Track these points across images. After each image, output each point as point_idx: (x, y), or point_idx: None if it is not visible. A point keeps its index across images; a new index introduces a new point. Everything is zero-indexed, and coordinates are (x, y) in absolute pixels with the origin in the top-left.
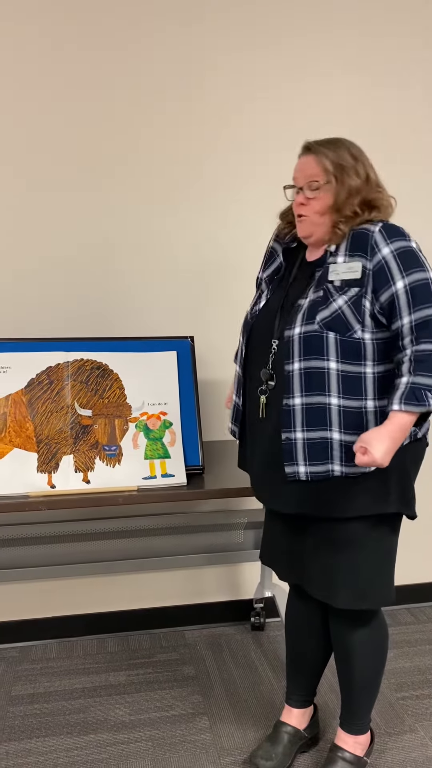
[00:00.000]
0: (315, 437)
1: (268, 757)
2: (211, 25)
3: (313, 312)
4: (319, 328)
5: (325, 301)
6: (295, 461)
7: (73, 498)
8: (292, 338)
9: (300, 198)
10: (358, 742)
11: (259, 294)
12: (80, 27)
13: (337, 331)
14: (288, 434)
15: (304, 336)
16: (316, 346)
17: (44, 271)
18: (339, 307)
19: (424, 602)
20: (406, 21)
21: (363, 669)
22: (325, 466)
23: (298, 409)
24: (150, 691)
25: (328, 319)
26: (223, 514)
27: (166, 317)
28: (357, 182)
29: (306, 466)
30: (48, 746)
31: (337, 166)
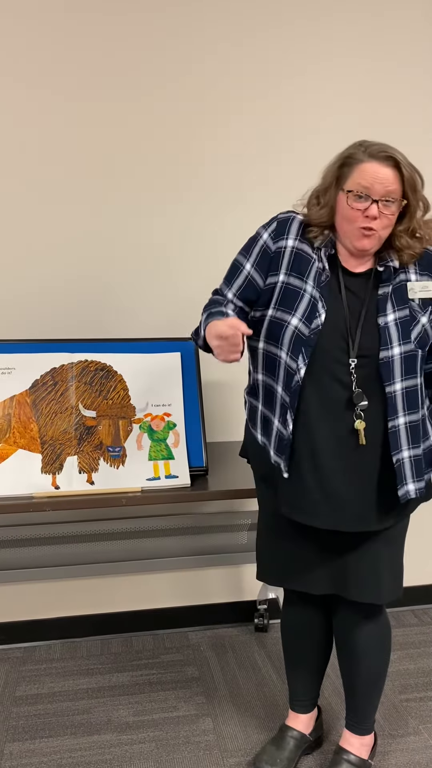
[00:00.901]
0: (418, 453)
1: (273, 762)
2: (211, 26)
3: (407, 331)
4: (415, 347)
5: (413, 319)
6: (404, 481)
7: (77, 499)
8: (392, 359)
9: (372, 211)
10: (364, 743)
11: (311, 306)
12: (80, 27)
13: (422, 348)
14: (398, 455)
15: (405, 355)
16: (413, 365)
17: (48, 272)
18: (423, 325)
19: (428, 604)
20: (411, 14)
21: (369, 667)
22: (424, 480)
23: (403, 428)
24: (154, 692)
25: (419, 338)
26: (226, 516)
27: (169, 318)
28: (425, 200)
29: (414, 483)
30: (52, 747)
31: (412, 184)
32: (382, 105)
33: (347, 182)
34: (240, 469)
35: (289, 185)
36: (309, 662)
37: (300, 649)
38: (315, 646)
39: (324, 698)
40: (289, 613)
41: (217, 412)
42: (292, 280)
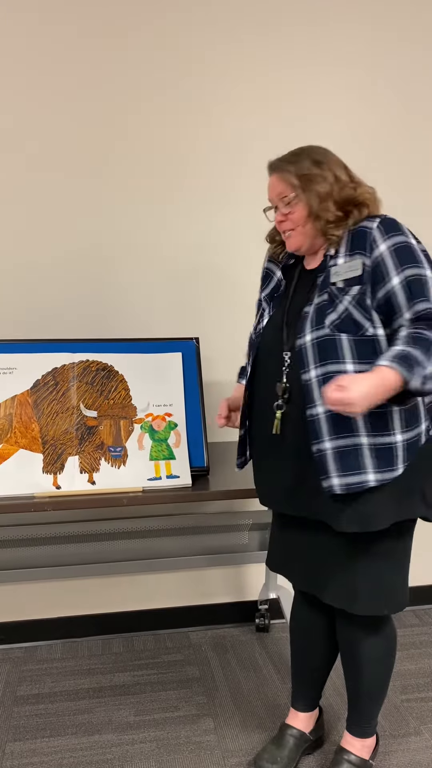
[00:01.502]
0: (344, 445)
1: (273, 760)
2: (211, 27)
3: (321, 316)
4: (330, 331)
5: (331, 303)
6: (327, 474)
7: (78, 499)
8: (305, 346)
9: (278, 216)
10: (365, 745)
11: (261, 312)
12: (80, 27)
13: (348, 331)
14: (318, 446)
15: (317, 342)
16: (331, 351)
17: (49, 273)
18: (345, 307)
19: (429, 604)
20: (407, 22)
21: (372, 674)
22: (359, 476)
23: (323, 417)
24: (155, 692)
25: (337, 321)
26: (228, 516)
27: (171, 319)
28: (325, 187)
29: (339, 477)
30: (53, 746)
31: (300, 177)
32: (382, 105)
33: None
34: None
35: None
36: (311, 663)
37: (303, 649)
38: (318, 648)
39: (325, 698)
40: (296, 612)
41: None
42: (259, 296)
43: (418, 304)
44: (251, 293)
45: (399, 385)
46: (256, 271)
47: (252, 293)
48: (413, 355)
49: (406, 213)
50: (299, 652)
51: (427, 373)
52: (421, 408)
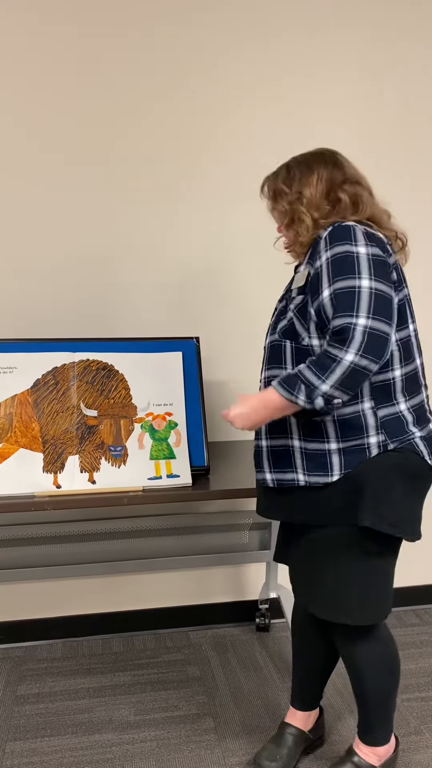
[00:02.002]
0: (277, 445)
1: (273, 758)
2: (213, 29)
3: (276, 322)
4: (279, 337)
5: (285, 310)
6: (262, 468)
7: (78, 498)
8: (265, 349)
9: (277, 230)
10: (375, 752)
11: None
12: (80, 27)
13: (291, 339)
14: (257, 442)
15: (269, 346)
16: (277, 355)
17: (49, 272)
18: (291, 315)
19: (430, 604)
20: (408, 25)
21: (372, 684)
22: (290, 474)
23: None
24: (155, 692)
25: (285, 327)
26: (228, 515)
27: (171, 318)
28: (284, 205)
29: (272, 473)
30: (53, 746)
31: (272, 195)
32: (384, 109)
33: None
34: (241, 469)
35: None
36: (310, 662)
37: (303, 649)
38: (318, 650)
39: (326, 698)
40: (297, 610)
41: (219, 411)
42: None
43: (337, 318)
44: (252, 293)
45: (285, 404)
46: (256, 270)
47: (252, 293)
48: (302, 375)
49: (410, 215)
50: (299, 651)
51: (318, 392)
52: (371, 422)
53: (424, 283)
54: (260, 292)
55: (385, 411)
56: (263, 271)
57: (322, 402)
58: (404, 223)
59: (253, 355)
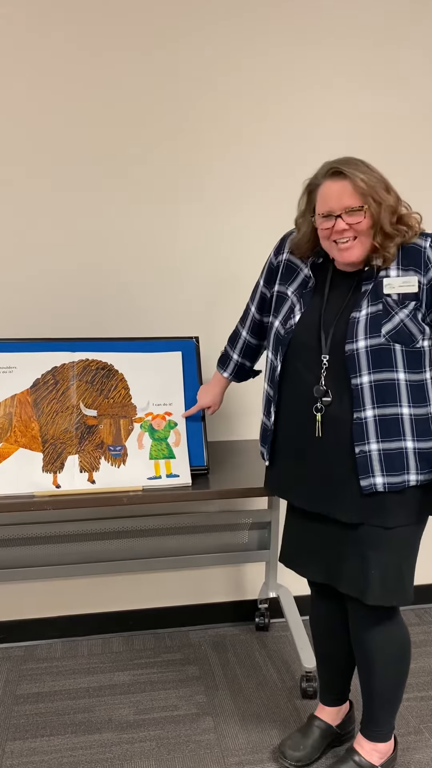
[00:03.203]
0: (392, 448)
1: (296, 747)
2: (215, 31)
3: (376, 325)
4: (386, 341)
5: (387, 314)
6: (371, 473)
7: (78, 498)
8: (357, 351)
9: (341, 224)
10: (376, 750)
11: (289, 308)
12: (83, 27)
13: (402, 343)
14: (362, 447)
15: (371, 349)
16: (385, 359)
17: (49, 272)
18: (401, 320)
19: (430, 603)
20: (407, 31)
21: (383, 674)
22: (402, 476)
23: (371, 421)
24: (154, 691)
25: (393, 332)
26: (227, 515)
27: (171, 318)
28: (391, 200)
29: (384, 477)
30: (52, 745)
31: (371, 188)
32: (385, 115)
33: (315, 207)
34: (241, 469)
35: (292, 187)
36: (332, 657)
37: (323, 643)
38: (338, 643)
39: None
40: (313, 607)
41: (218, 411)
42: (281, 288)
43: None
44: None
45: None
46: (256, 270)
47: None
48: None
49: None
50: (321, 646)
51: None
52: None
53: None
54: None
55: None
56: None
57: None
58: None
59: None
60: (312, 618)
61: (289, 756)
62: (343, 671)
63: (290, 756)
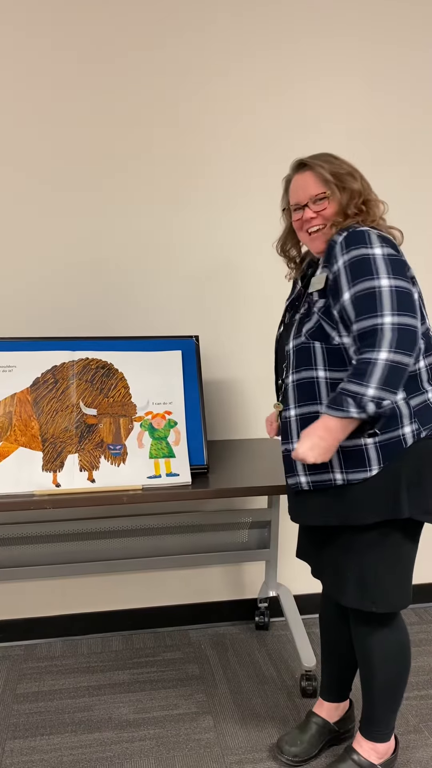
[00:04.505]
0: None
1: (294, 743)
2: (217, 27)
3: (300, 325)
4: (306, 339)
5: (309, 313)
6: (295, 472)
7: (77, 497)
8: (288, 352)
9: (308, 213)
10: (375, 749)
11: (281, 319)
12: (83, 27)
13: (319, 340)
14: (286, 446)
15: (295, 348)
16: (306, 357)
17: (49, 271)
18: (318, 318)
19: (429, 603)
20: (407, 26)
21: (382, 674)
22: (326, 474)
23: (293, 420)
24: (154, 690)
25: (312, 330)
26: (227, 514)
27: (170, 317)
28: (357, 185)
29: (306, 475)
30: (52, 744)
31: (335, 176)
32: (383, 110)
33: (288, 202)
34: (241, 468)
35: None
36: (335, 653)
37: (328, 638)
38: (342, 639)
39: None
40: (323, 605)
41: (218, 410)
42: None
43: (362, 321)
44: (251, 291)
45: (341, 423)
46: (256, 269)
47: (252, 291)
48: (345, 390)
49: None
50: (326, 641)
51: (366, 398)
52: (405, 411)
53: (423, 283)
54: (260, 290)
55: (416, 400)
56: (263, 269)
57: (373, 407)
58: (403, 219)
59: (252, 354)
60: (321, 613)
61: (286, 751)
62: (346, 668)
63: (287, 751)
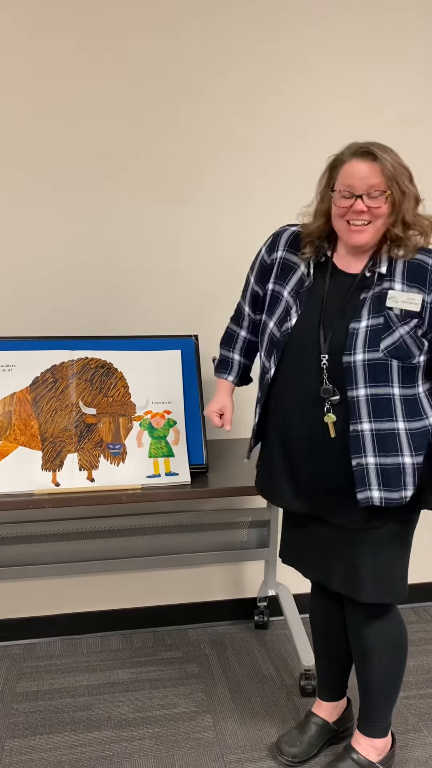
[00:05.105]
0: (389, 463)
1: (293, 743)
2: (217, 26)
3: (375, 339)
4: (384, 356)
5: (387, 328)
6: (368, 487)
7: (77, 496)
8: (355, 364)
9: (360, 205)
10: (374, 746)
11: (284, 310)
12: (83, 27)
13: (399, 358)
14: (359, 460)
15: (368, 363)
16: (382, 374)
17: (49, 270)
18: (401, 336)
19: (428, 602)
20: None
21: (379, 667)
22: (400, 492)
23: (368, 435)
24: (154, 689)
25: (391, 347)
26: (226, 513)
27: (170, 316)
28: (415, 191)
29: (380, 491)
30: (52, 743)
31: (398, 175)
32: (386, 102)
33: (335, 183)
34: (240, 467)
35: (293, 184)
36: (330, 652)
37: (321, 639)
38: (336, 638)
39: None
40: (313, 603)
41: None
42: (276, 287)
43: None
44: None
45: None
46: None
47: None
48: None
49: None
50: (319, 641)
51: None
52: (425, 402)
53: None
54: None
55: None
56: None
57: None
58: None
59: None
60: (312, 613)
61: (285, 752)
62: (342, 666)
63: (287, 752)
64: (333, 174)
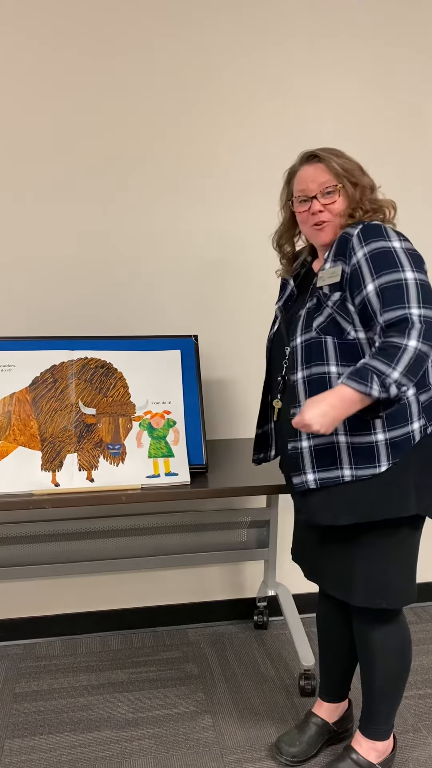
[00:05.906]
0: (321, 443)
1: (292, 743)
2: (218, 26)
3: (309, 319)
4: (317, 334)
5: (318, 307)
6: (302, 470)
7: (76, 496)
8: (296, 347)
9: (316, 205)
10: (375, 748)
11: (273, 320)
12: (83, 27)
13: (332, 334)
14: (294, 444)
15: (305, 344)
16: (316, 352)
17: (48, 270)
18: (330, 312)
19: (428, 602)
20: (409, 26)
21: (382, 669)
22: (335, 471)
23: None
24: (153, 689)
25: (323, 324)
26: (226, 513)
27: (170, 316)
28: (367, 181)
29: (314, 473)
30: (51, 743)
31: (346, 170)
32: (389, 104)
33: (293, 191)
34: (240, 467)
35: None
36: (334, 653)
37: (326, 640)
38: (340, 639)
39: (353, 693)
40: (319, 604)
41: (217, 409)
42: (276, 305)
43: (390, 311)
44: (251, 290)
45: (358, 397)
46: (255, 268)
47: (251, 290)
48: (371, 366)
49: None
50: (324, 641)
51: (390, 380)
52: (414, 407)
53: None
54: (259, 290)
55: (424, 396)
56: (262, 269)
57: (395, 390)
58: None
59: (251, 353)
60: (318, 613)
61: (284, 751)
62: (344, 668)
63: (286, 751)
64: (290, 187)
